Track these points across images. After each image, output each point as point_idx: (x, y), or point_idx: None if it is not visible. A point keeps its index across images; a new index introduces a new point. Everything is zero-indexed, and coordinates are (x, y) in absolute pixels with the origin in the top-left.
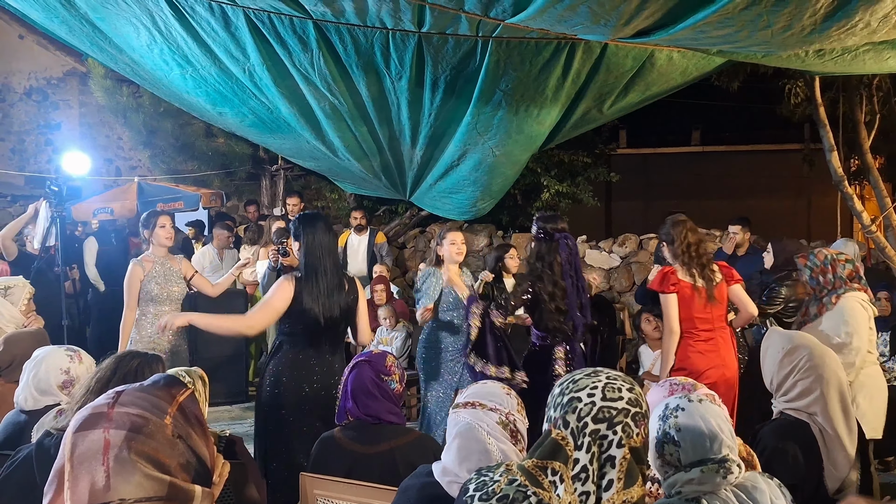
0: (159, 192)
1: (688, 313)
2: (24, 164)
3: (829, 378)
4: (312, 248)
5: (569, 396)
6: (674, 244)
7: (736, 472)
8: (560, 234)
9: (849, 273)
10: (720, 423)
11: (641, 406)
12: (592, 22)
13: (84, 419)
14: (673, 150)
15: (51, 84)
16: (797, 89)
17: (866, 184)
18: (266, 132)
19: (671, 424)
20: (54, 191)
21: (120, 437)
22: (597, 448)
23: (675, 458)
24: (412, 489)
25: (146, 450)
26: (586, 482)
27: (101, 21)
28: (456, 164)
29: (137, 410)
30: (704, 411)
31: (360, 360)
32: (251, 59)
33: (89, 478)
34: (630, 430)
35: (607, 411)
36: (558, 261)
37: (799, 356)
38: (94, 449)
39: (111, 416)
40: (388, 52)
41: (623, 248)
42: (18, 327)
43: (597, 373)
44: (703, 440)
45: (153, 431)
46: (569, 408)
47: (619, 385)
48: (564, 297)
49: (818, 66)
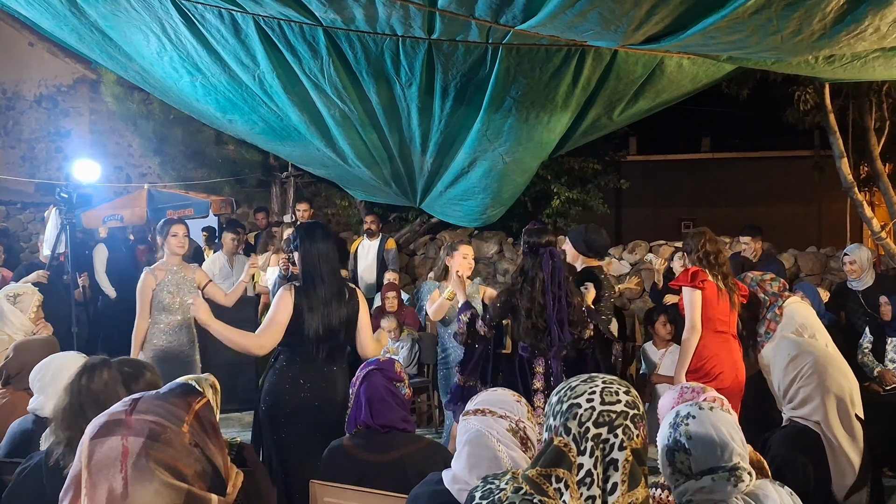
0: (169, 199)
1: (711, 314)
2: (35, 171)
3: (829, 386)
4: (310, 257)
5: (568, 403)
6: (692, 254)
7: (747, 481)
8: (544, 249)
9: (779, 288)
10: (731, 431)
11: (639, 408)
12: (603, 28)
13: (101, 426)
14: (683, 157)
15: (61, 91)
16: (807, 96)
17: (876, 190)
18: (276, 139)
19: (682, 432)
20: (64, 198)
21: (138, 445)
22: (600, 452)
23: (685, 466)
24: (422, 497)
25: (164, 458)
26: (592, 486)
27: (111, 29)
28: (466, 171)
29: (155, 418)
30: (716, 419)
31: (370, 369)
32: (261, 66)
33: (107, 485)
34: (630, 431)
35: (607, 415)
36: (541, 277)
37: (802, 363)
38: (112, 456)
39: (130, 423)
40: (398, 59)
41: (633, 254)
42: (28, 335)
43: (592, 378)
44: (714, 448)
45: (171, 439)
46: (569, 414)
47: (616, 388)
48: (543, 313)
49: (828, 72)
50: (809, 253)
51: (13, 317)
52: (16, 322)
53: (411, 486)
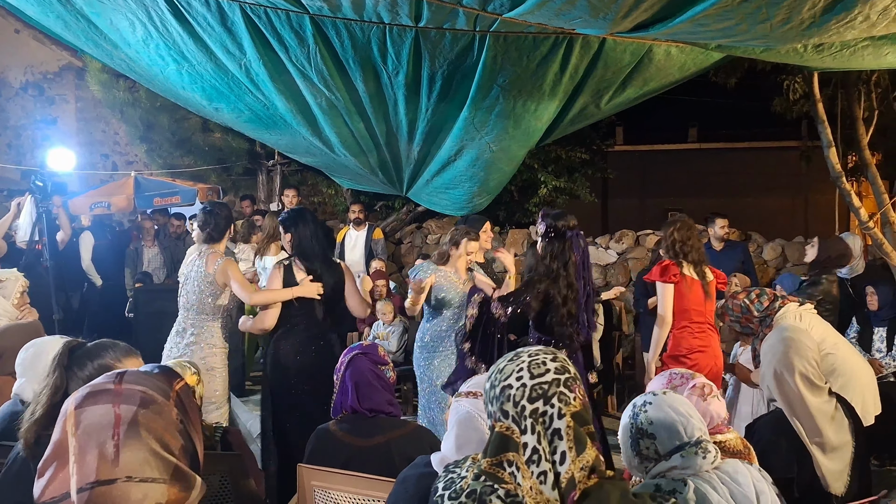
0: (156, 186)
1: (686, 305)
2: (21, 158)
3: (773, 363)
4: (303, 236)
5: (500, 387)
6: (663, 243)
7: (713, 452)
8: (572, 232)
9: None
10: (688, 410)
11: (570, 370)
12: (591, 15)
13: (86, 395)
14: (670, 146)
15: (47, 79)
16: (795, 85)
17: (864, 180)
18: (262, 128)
19: (642, 420)
20: (39, 186)
21: (131, 412)
22: (541, 427)
23: (651, 451)
24: (410, 480)
25: (156, 427)
26: (540, 462)
27: (97, 16)
28: (453, 159)
29: (144, 388)
30: (672, 401)
31: (355, 354)
32: (247, 54)
33: (97, 451)
34: (566, 397)
35: (539, 388)
36: (573, 259)
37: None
38: (103, 423)
39: (120, 391)
40: (385, 47)
41: (620, 244)
42: (12, 320)
43: (518, 355)
44: (677, 426)
45: (161, 410)
46: (503, 398)
47: (542, 359)
48: (576, 299)
49: (817, 61)
50: (796, 243)
51: None
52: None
53: (398, 470)
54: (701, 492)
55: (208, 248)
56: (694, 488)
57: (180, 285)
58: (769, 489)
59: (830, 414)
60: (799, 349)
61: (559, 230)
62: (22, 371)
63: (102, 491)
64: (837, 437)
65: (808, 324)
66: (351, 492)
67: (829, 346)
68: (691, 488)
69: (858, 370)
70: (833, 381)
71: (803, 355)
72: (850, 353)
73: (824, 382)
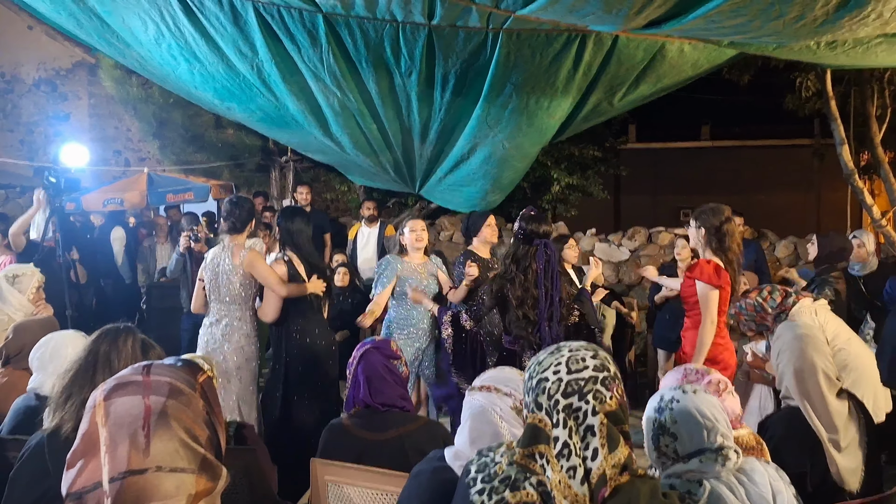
0: (169, 183)
1: (722, 308)
2: (33, 155)
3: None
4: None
5: (537, 379)
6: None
7: (734, 458)
8: (539, 241)
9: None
10: (715, 413)
11: (609, 369)
12: (604, 11)
13: (114, 387)
14: (682, 144)
15: (59, 75)
16: (808, 83)
17: (877, 178)
18: (274, 127)
19: (666, 417)
20: (52, 182)
21: (160, 404)
22: (573, 422)
23: (671, 451)
24: (424, 474)
25: (184, 418)
26: (570, 457)
27: (109, 15)
28: (466, 157)
29: (172, 380)
30: (699, 402)
31: (367, 348)
32: (260, 54)
33: (128, 441)
34: (602, 395)
35: (575, 383)
36: (534, 268)
37: (782, 341)
38: (134, 413)
39: (148, 383)
40: (398, 46)
41: (632, 241)
42: (27, 315)
43: (559, 349)
44: (700, 431)
45: (189, 401)
46: (538, 390)
47: (582, 355)
48: (535, 306)
49: (830, 58)
50: (809, 240)
51: (12, 297)
52: (14, 302)
53: (411, 465)
54: (717, 493)
55: (230, 240)
56: (710, 490)
57: (207, 281)
58: (786, 489)
59: (845, 411)
60: (817, 346)
61: (528, 235)
62: (39, 366)
63: (134, 480)
64: (851, 434)
65: (823, 319)
66: (364, 486)
67: (841, 341)
68: (707, 490)
69: (870, 367)
70: (845, 378)
71: (822, 352)
72: (861, 350)
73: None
